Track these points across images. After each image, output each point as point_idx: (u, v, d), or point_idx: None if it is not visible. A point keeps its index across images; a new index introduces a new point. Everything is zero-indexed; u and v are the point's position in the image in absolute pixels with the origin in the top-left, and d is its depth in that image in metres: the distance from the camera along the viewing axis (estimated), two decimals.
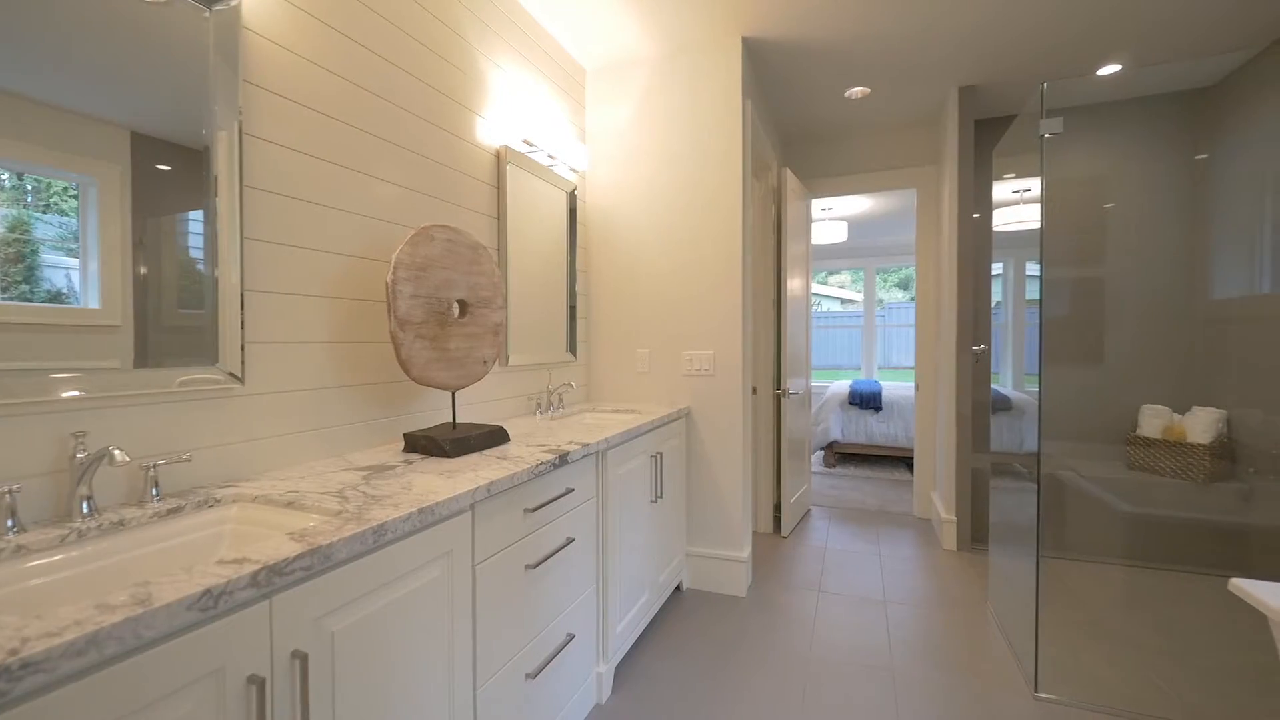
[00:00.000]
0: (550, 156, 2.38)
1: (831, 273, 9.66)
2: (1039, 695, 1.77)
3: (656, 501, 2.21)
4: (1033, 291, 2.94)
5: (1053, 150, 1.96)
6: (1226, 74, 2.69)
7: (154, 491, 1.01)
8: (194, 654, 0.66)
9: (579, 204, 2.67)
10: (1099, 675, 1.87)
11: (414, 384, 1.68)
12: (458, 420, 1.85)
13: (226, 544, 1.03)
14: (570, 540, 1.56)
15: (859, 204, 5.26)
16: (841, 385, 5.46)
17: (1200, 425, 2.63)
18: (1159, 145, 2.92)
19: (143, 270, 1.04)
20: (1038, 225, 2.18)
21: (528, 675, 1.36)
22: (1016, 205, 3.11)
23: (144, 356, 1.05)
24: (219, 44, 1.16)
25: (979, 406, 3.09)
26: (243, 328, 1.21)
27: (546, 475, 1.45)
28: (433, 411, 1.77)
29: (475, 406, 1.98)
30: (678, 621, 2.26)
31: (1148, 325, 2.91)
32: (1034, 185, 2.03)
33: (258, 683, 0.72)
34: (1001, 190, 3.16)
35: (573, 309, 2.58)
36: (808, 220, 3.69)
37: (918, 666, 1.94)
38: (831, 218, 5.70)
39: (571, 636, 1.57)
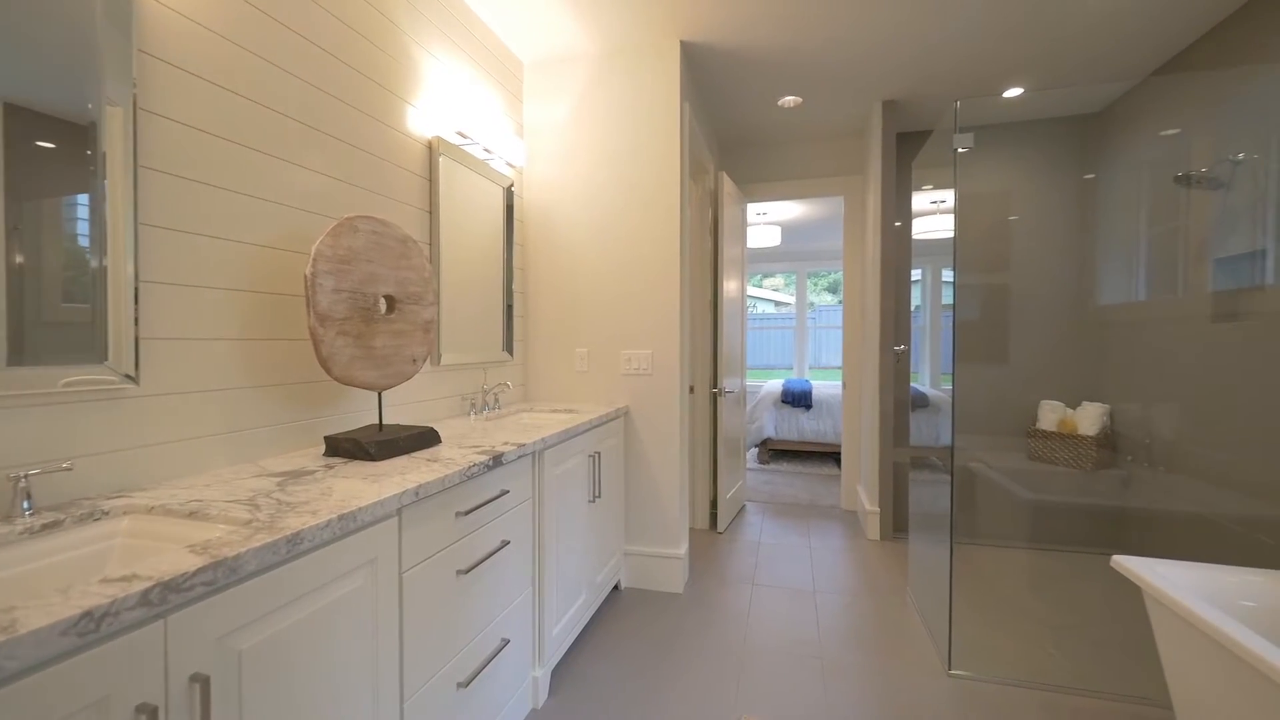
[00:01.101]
0: (486, 150, 2.32)
1: (766, 275, 9.97)
2: (952, 672, 1.89)
3: (594, 501, 2.20)
4: (948, 297, 3.16)
5: (965, 165, 2.10)
6: (1110, 102, 2.98)
7: (25, 505, 0.90)
8: (70, 685, 0.60)
9: (516, 200, 2.61)
10: (1004, 651, 2.02)
11: (336, 384, 1.59)
12: (385, 422, 1.77)
13: (114, 561, 0.94)
14: (505, 543, 1.52)
15: (792, 209, 5.46)
16: (775, 384, 5.64)
17: (1088, 418, 2.90)
18: (1055, 164, 3.20)
19: (19, 259, 0.93)
20: (952, 234, 2.34)
21: (459, 685, 1.32)
22: (934, 215, 3.32)
23: (20, 354, 0.93)
24: (109, 8, 1.05)
25: (899, 404, 3.28)
26: (136, 323, 1.10)
27: (480, 477, 1.41)
28: (358, 413, 1.68)
29: (405, 407, 1.90)
30: (615, 621, 2.26)
31: (1046, 328, 3.19)
32: (948, 197, 2.17)
33: (149, 711, 0.65)
34: (920, 201, 3.37)
35: (509, 307, 2.52)
36: (743, 224, 3.79)
37: (844, 651, 2.03)
38: (766, 222, 5.88)
39: (506, 642, 1.53)
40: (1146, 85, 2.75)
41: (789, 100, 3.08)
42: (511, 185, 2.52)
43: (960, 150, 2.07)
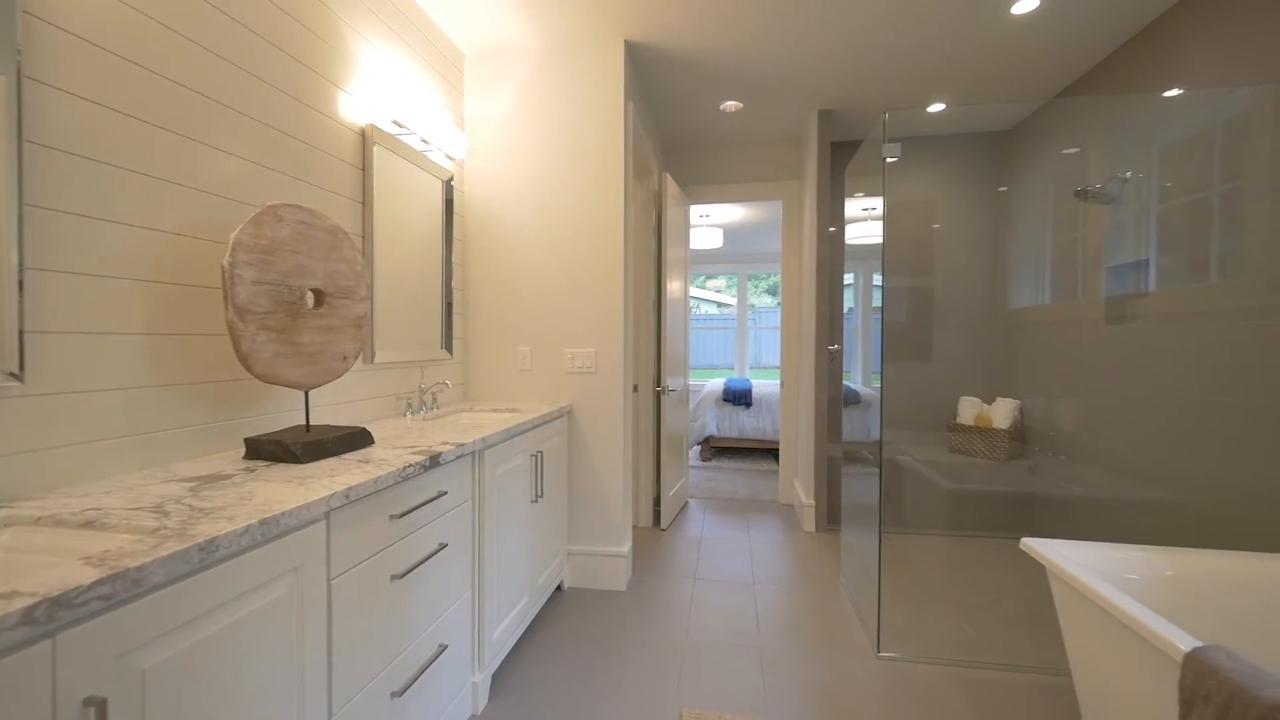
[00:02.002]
0: (424, 141, 2.24)
1: (709, 277, 10.16)
2: (881, 655, 2.00)
3: (537, 501, 2.17)
4: (877, 300, 3.33)
5: (893, 174, 2.22)
6: (1020, 121, 3.23)
7: None
8: None
9: (456, 194, 2.54)
10: (927, 632, 2.15)
11: (259, 383, 1.50)
12: (313, 423, 1.68)
13: None
14: (443, 546, 1.48)
15: (733, 212, 5.59)
16: (717, 383, 5.75)
17: (1001, 413, 3.13)
18: (973, 177, 3.43)
19: None
20: (881, 240, 2.46)
21: (393, 694, 1.27)
22: (865, 221, 3.49)
23: None
24: None
25: (833, 401, 3.43)
26: (21, 314, 0.99)
27: (416, 478, 1.37)
28: (283, 414, 1.59)
29: (335, 408, 1.81)
30: (558, 622, 2.24)
31: (965, 329, 3.42)
32: (878, 204, 2.29)
33: None
34: (853, 207, 3.53)
35: (449, 304, 2.45)
36: (686, 225, 3.84)
37: (781, 640, 2.10)
38: (709, 224, 5.98)
39: (444, 647, 1.49)
40: (1051, 107, 3.00)
41: (730, 105, 3.15)
42: (451, 179, 2.45)
43: (889, 160, 2.19)
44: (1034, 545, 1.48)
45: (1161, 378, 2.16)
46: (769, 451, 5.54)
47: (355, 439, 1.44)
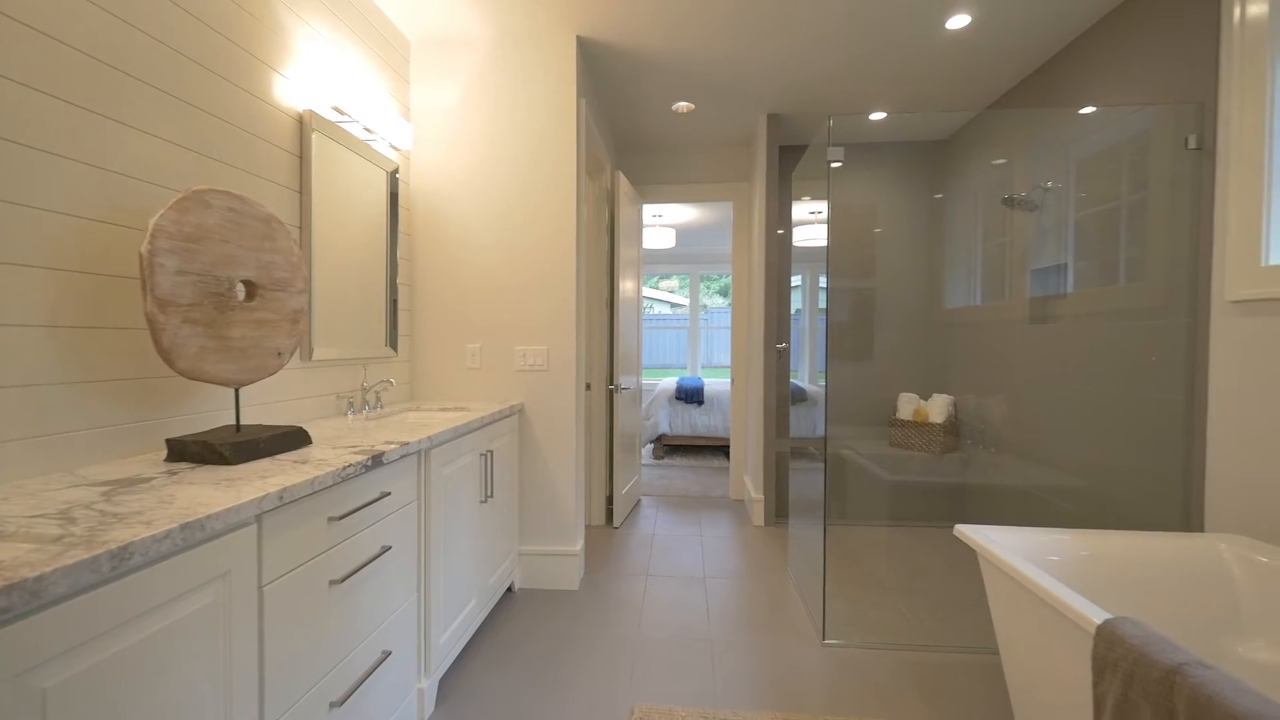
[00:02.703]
0: (367, 130, 2.16)
1: (663, 277, 10.23)
2: (826, 642, 2.06)
3: (486, 501, 2.13)
4: (823, 301, 3.44)
5: (837, 179, 2.30)
6: (954, 131, 3.41)
7: None
8: None
9: (402, 185, 2.46)
10: (869, 618, 2.24)
11: (183, 380, 1.40)
12: (245, 422, 1.59)
13: None
14: (386, 549, 1.43)
15: (686, 213, 5.65)
16: (669, 382, 5.80)
17: (937, 408, 3.30)
18: (912, 183, 3.60)
19: None
20: (826, 243, 2.54)
21: (333, 704, 1.22)
22: (811, 225, 3.60)
23: None
24: None
25: (781, 399, 3.52)
26: None
27: (357, 478, 1.31)
28: (211, 413, 1.49)
29: (270, 407, 1.72)
30: (509, 623, 2.21)
31: (903, 328, 3.58)
32: (824, 208, 2.37)
33: None
34: (800, 210, 3.63)
35: (394, 299, 2.37)
36: (639, 224, 3.86)
37: (731, 632, 2.14)
38: (661, 224, 6.03)
39: (388, 654, 1.44)
40: (982, 118, 3.18)
41: (682, 105, 3.18)
42: (396, 170, 2.37)
43: (834, 165, 2.26)
44: (966, 531, 1.57)
45: (1077, 373, 2.33)
46: (720, 449, 5.63)
47: (291, 439, 1.37)
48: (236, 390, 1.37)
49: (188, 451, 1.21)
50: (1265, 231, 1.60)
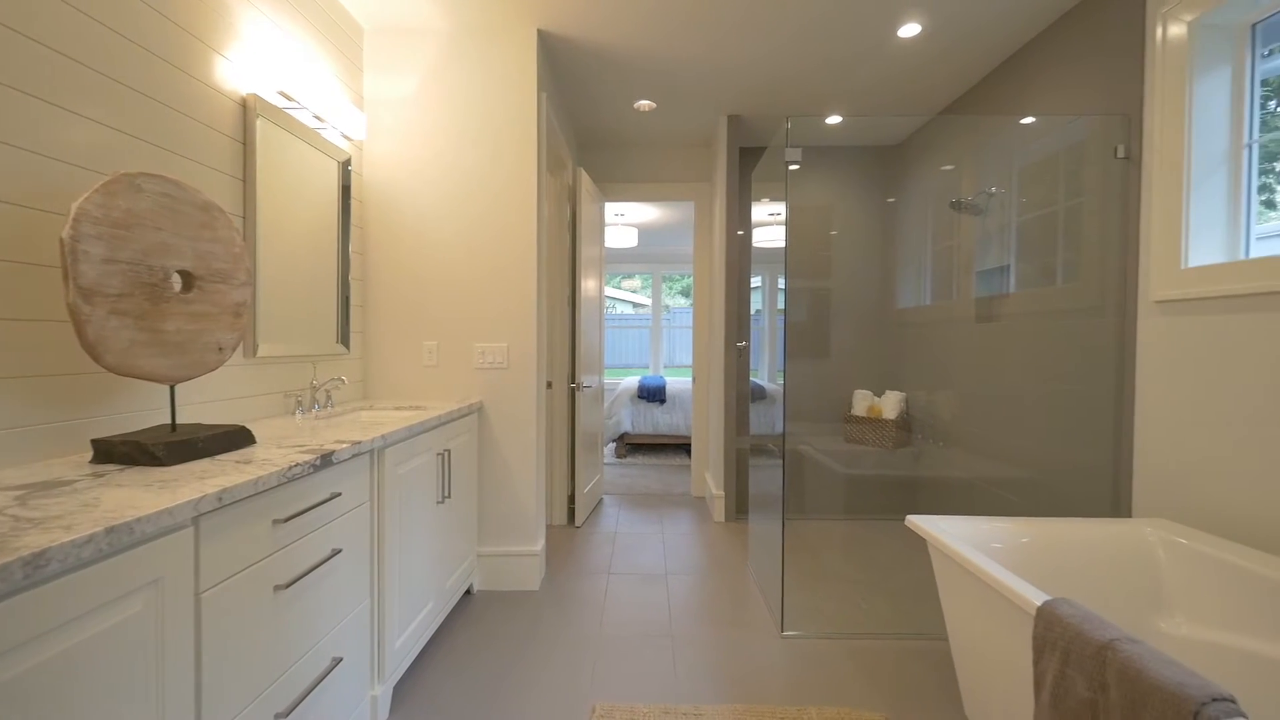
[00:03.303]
0: (317, 118, 2.08)
1: (625, 276, 10.24)
2: (784, 634, 2.10)
3: (444, 502, 2.08)
4: (782, 301, 3.51)
5: (795, 182, 2.35)
6: (906, 136, 3.53)
7: None
8: None
9: (355, 177, 2.37)
10: (825, 609, 2.29)
11: (111, 376, 1.31)
12: (183, 421, 1.50)
13: None
14: (337, 551, 1.37)
15: (648, 212, 5.66)
16: (631, 381, 5.81)
17: (890, 404, 3.41)
18: (867, 186, 3.71)
19: None
20: (784, 245, 2.59)
21: (278, 715, 1.16)
22: (771, 226, 3.67)
23: None
24: None
25: (741, 397, 3.56)
26: None
27: (305, 479, 1.26)
28: (146, 412, 1.40)
29: (211, 406, 1.63)
30: (468, 626, 2.16)
31: (858, 327, 3.68)
32: (782, 209, 2.41)
33: None
34: (759, 212, 3.69)
35: (346, 295, 2.28)
36: (601, 223, 3.84)
37: (692, 627, 2.15)
38: (624, 223, 6.02)
39: (339, 660, 1.38)
40: (932, 124, 3.30)
41: (644, 104, 3.19)
42: (348, 160, 2.28)
43: (792, 168, 2.31)
44: (917, 521, 1.62)
45: (1018, 370, 2.44)
46: (682, 447, 5.67)
47: (233, 438, 1.30)
48: (172, 387, 1.29)
49: (115, 452, 1.13)
50: (1185, 236, 1.72)
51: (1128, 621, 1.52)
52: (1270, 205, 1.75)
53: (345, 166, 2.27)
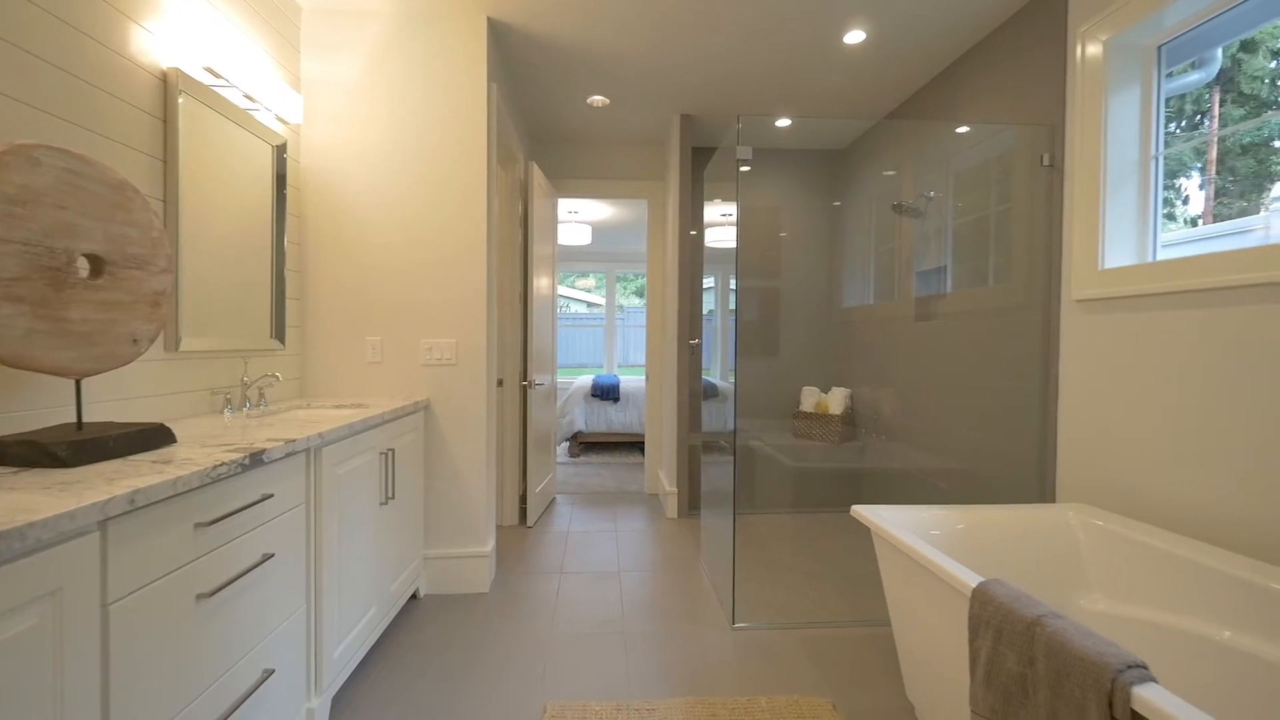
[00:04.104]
0: (248, 98, 1.95)
1: (579, 275, 10.18)
2: (735, 625, 2.13)
3: (387, 503, 1.99)
4: (733, 302, 3.56)
5: (745, 182, 2.38)
6: (852, 141, 3.65)
7: None
8: None
9: (291, 163, 2.25)
10: (775, 600, 2.34)
11: (7, 369, 1.19)
12: (90, 420, 1.37)
13: None
14: (268, 556, 1.29)
15: (602, 210, 5.64)
16: (585, 379, 5.77)
17: (836, 400, 3.51)
18: (815, 188, 3.81)
19: None
20: (734, 245, 2.63)
21: None
22: (722, 226, 3.72)
23: None
24: None
25: (694, 394, 3.60)
26: None
27: (232, 479, 1.18)
28: (50, 410, 1.28)
29: (127, 404, 1.50)
30: (414, 631, 2.08)
31: (806, 325, 3.78)
32: (734, 210, 2.44)
33: None
34: (711, 212, 3.73)
35: (281, 287, 2.16)
36: (554, 219, 3.79)
37: (644, 622, 2.15)
38: (577, 221, 5.98)
39: (270, 672, 1.30)
40: (875, 130, 3.42)
41: (597, 99, 3.16)
42: (284, 145, 2.16)
43: (743, 169, 2.34)
44: (861, 511, 1.67)
45: (954, 366, 2.57)
46: (636, 445, 5.67)
47: (149, 437, 1.21)
48: (78, 382, 1.18)
49: (9, 454, 1.02)
50: (1101, 240, 1.84)
51: (1052, 599, 1.62)
52: (1171, 218, 1.90)
53: (280, 151, 2.14)
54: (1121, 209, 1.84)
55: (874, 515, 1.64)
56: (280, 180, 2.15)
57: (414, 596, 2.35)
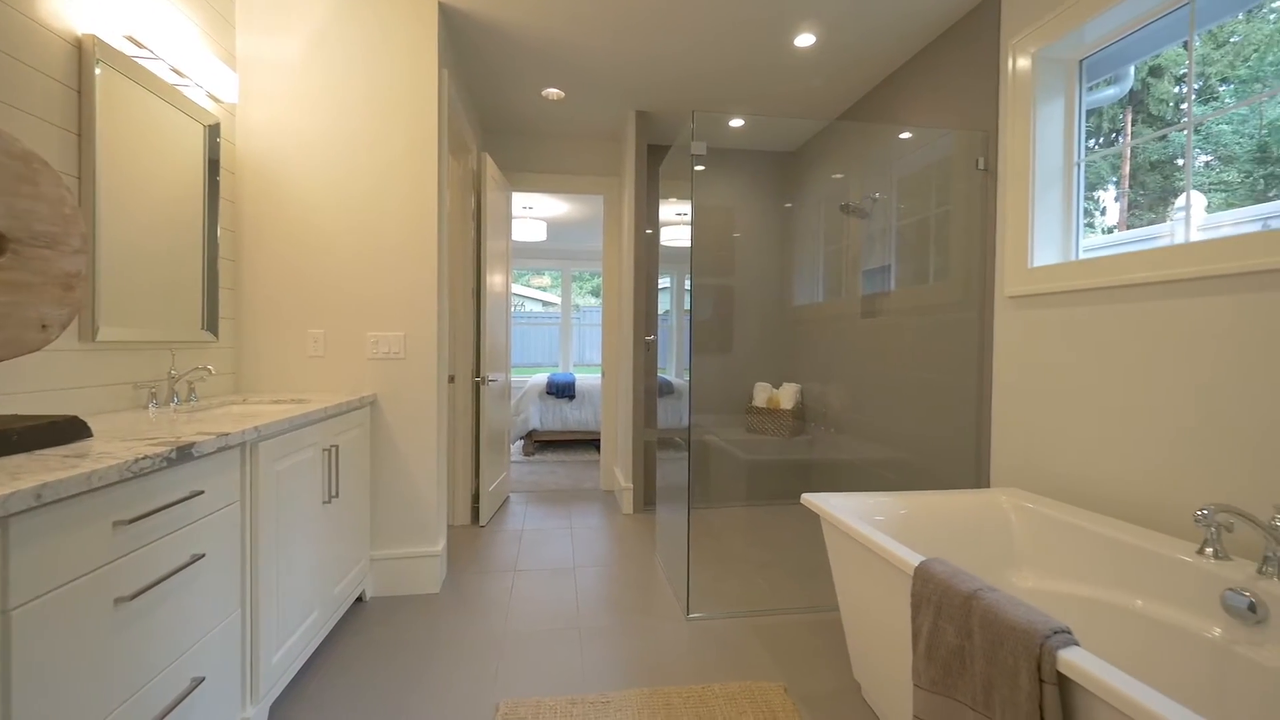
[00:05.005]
0: (177, 72, 1.83)
1: (535, 273, 10.05)
2: (690, 616, 2.15)
3: (331, 502, 1.91)
4: (688, 302, 3.60)
5: (700, 183, 2.41)
6: (803, 143, 3.75)
7: None
8: None
9: (225, 144, 2.12)
10: (729, 590, 2.37)
11: None
12: None
13: None
14: (198, 557, 1.21)
15: (557, 206, 5.58)
16: (540, 377, 5.70)
17: (787, 395, 3.60)
18: (767, 189, 3.89)
19: None
20: (689, 244, 2.65)
21: None
22: (677, 225, 3.75)
23: None
24: None
25: (650, 391, 3.61)
26: None
27: (156, 475, 1.10)
28: None
29: (37, 396, 1.38)
30: (360, 634, 2.00)
31: (759, 323, 3.86)
32: (689, 209, 2.46)
33: None
34: (667, 211, 3.76)
35: (213, 276, 2.04)
36: (508, 214, 3.73)
37: (600, 617, 2.14)
38: (532, 216, 5.90)
39: (200, 680, 1.22)
40: (824, 133, 3.53)
41: (553, 92, 3.13)
42: (217, 125, 2.04)
43: (697, 168, 2.37)
44: (811, 499, 1.72)
45: (898, 361, 2.67)
46: (591, 442, 5.65)
47: (60, 431, 1.11)
48: None
49: None
50: (1031, 239, 1.96)
51: (987, 577, 1.71)
52: (1091, 227, 2.04)
53: (213, 132, 2.02)
54: (1048, 211, 1.97)
55: (823, 502, 1.68)
56: (213, 163, 2.02)
57: (360, 599, 2.26)
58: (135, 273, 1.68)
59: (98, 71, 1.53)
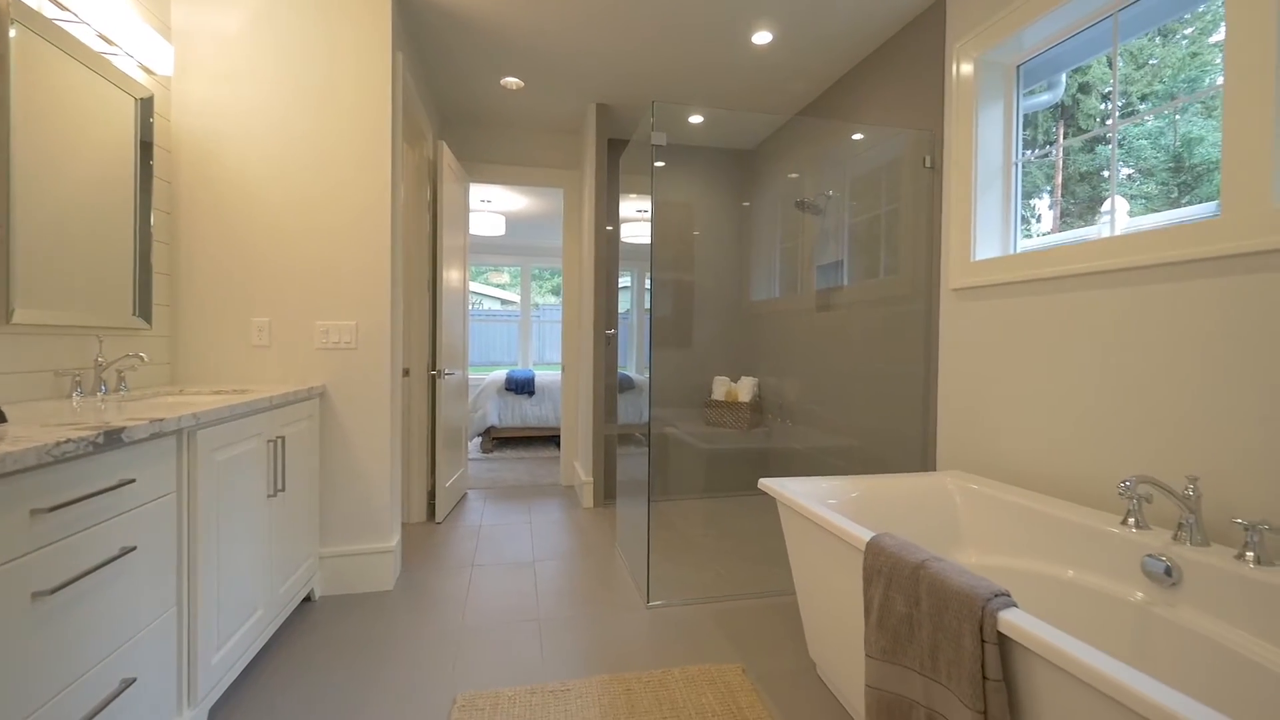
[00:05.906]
0: (105, 39, 1.72)
1: (494, 269, 9.89)
2: (650, 604, 2.16)
3: (276, 495, 1.83)
4: (648, 301, 3.61)
5: (660, 179, 2.42)
6: (761, 141, 3.82)
7: None
8: None
9: (160, 120, 2.00)
10: (687, 578, 2.40)
11: None
12: None
13: None
14: (129, 550, 1.14)
15: (516, 200, 5.51)
16: (499, 374, 5.62)
17: (745, 389, 3.67)
18: (725, 187, 3.95)
19: None
20: (649, 240, 2.67)
21: None
22: (638, 222, 3.76)
23: None
24: None
25: (610, 386, 3.61)
26: None
27: (81, 461, 1.03)
28: None
29: None
30: (308, 633, 1.92)
31: (717, 318, 3.91)
32: (649, 205, 2.48)
33: None
34: (627, 208, 3.77)
35: (146, 260, 1.92)
36: (466, 207, 3.66)
37: (560, 609, 2.13)
38: (491, 210, 5.81)
39: (130, 681, 1.15)
40: (780, 132, 3.61)
41: (511, 82, 3.09)
42: (150, 99, 1.92)
43: (657, 162, 2.38)
44: (768, 483, 1.76)
45: (850, 353, 2.76)
46: (551, 439, 5.60)
47: None
48: None
49: None
50: (973, 234, 2.06)
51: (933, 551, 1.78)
52: (1028, 235, 2.16)
53: (146, 106, 1.90)
54: (989, 207, 2.07)
55: (779, 486, 1.72)
56: (145, 140, 1.91)
57: (309, 598, 2.17)
58: (57, 251, 1.57)
59: (13, 33, 1.42)
